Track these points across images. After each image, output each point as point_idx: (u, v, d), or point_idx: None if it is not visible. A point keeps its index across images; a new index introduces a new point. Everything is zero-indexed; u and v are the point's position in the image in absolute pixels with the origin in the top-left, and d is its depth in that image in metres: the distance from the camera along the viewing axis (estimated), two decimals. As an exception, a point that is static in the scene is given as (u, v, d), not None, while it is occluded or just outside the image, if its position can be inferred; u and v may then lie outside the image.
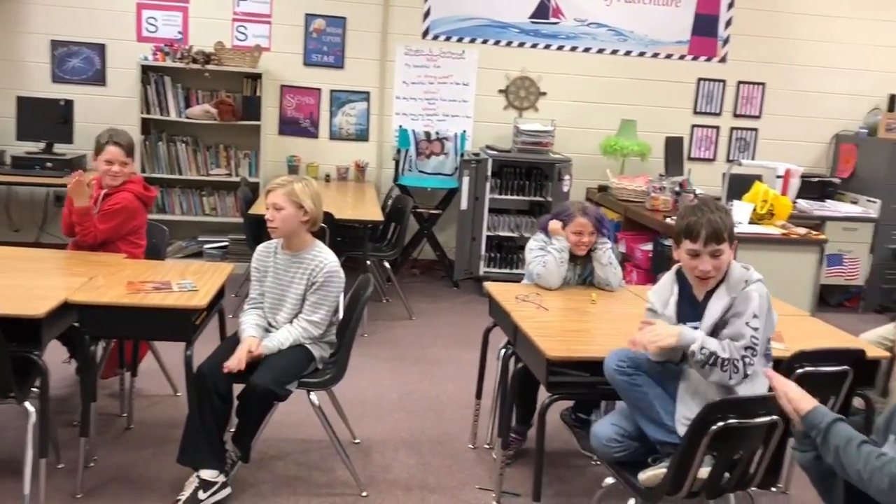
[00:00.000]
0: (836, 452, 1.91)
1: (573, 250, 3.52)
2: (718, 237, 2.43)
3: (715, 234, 2.43)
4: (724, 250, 2.46)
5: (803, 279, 4.97)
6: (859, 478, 1.86)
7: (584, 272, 3.61)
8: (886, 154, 6.22)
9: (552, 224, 3.57)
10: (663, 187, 5.65)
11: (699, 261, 2.48)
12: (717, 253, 2.45)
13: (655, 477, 2.36)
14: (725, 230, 2.45)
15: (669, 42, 6.54)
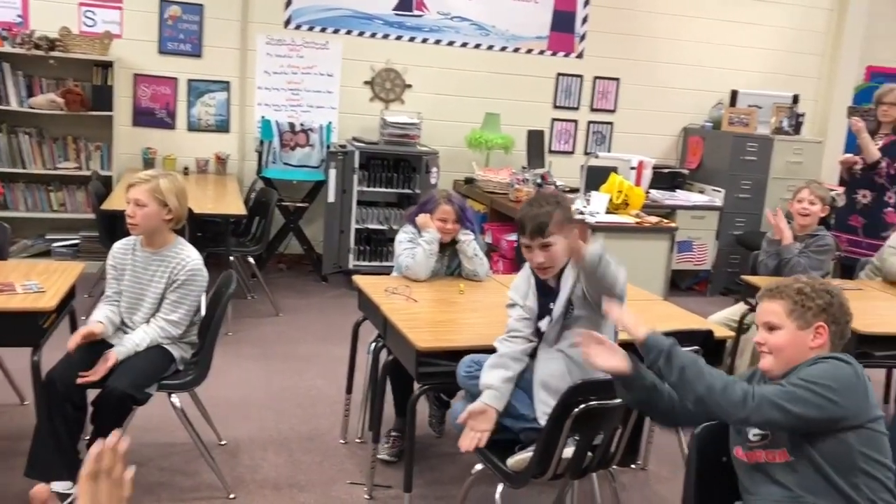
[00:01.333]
0: (681, 371, 2.01)
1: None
2: (542, 231, 2.50)
3: (539, 228, 2.50)
4: (553, 242, 2.51)
5: (656, 265, 5.24)
6: (709, 391, 1.95)
7: (452, 264, 3.65)
8: (729, 146, 6.65)
9: (421, 217, 3.59)
10: (526, 179, 5.80)
11: (532, 253, 2.56)
12: (545, 245, 2.52)
13: (522, 461, 2.43)
14: (551, 223, 2.49)
15: (529, 37, 6.71)
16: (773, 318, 2.06)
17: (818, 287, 2.09)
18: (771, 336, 2.06)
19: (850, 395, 1.91)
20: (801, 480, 1.95)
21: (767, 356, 2.07)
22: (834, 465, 1.91)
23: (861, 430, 1.92)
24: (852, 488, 1.90)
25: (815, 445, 1.93)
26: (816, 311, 2.04)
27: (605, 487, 2.95)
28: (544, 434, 2.37)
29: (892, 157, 4.93)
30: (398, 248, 3.60)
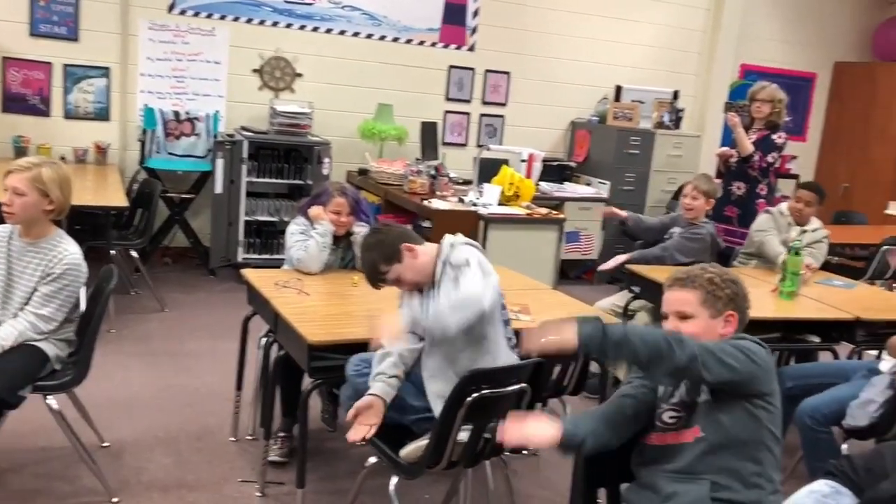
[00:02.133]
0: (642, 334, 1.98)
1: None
2: (375, 282, 2.68)
3: (373, 283, 2.70)
4: (393, 275, 2.62)
5: (546, 255, 5.36)
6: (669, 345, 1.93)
7: (346, 256, 3.62)
8: (614, 140, 6.87)
9: (314, 209, 3.54)
10: (420, 171, 5.81)
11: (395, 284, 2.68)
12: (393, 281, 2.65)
13: (416, 451, 2.43)
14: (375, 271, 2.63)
15: (421, 29, 6.71)
16: (686, 307, 2.11)
17: (725, 276, 2.15)
18: (683, 325, 2.10)
19: (765, 364, 2.01)
20: (707, 458, 2.01)
21: None
22: (744, 439, 2.00)
23: (769, 405, 2.02)
24: (756, 463, 2.00)
25: (730, 419, 2.00)
26: (726, 301, 2.11)
27: (497, 474, 3.00)
28: (438, 423, 2.38)
29: (764, 151, 5.21)
30: (289, 240, 3.54)
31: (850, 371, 3.40)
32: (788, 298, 3.88)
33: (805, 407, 3.18)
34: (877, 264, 5.70)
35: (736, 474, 1.99)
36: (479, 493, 3.00)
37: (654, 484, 2.08)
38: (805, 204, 4.52)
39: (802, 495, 2.21)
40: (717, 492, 1.98)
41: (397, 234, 2.68)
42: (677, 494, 2.01)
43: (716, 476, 1.99)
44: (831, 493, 2.17)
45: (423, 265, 2.64)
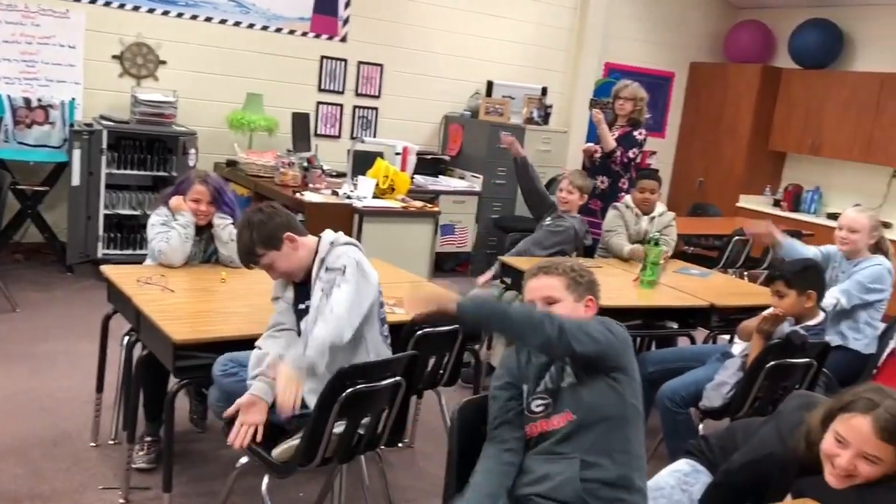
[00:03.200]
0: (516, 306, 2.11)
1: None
2: (249, 263, 2.64)
3: (246, 263, 2.65)
4: (267, 261, 2.59)
5: (421, 248, 5.39)
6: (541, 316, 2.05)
7: (209, 248, 3.50)
8: (486, 134, 6.98)
9: (174, 200, 3.40)
10: (292, 163, 5.70)
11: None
12: (265, 266, 2.62)
13: (289, 450, 2.39)
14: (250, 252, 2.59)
15: (292, 18, 6.57)
16: (553, 292, 2.22)
17: (582, 266, 2.31)
18: (553, 308, 2.20)
19: (623, 339, 2.13)
20: (575, 438, 2.08)
21: None
22: (611, 415, 2.08)
23: (629, 377, 2.12)
24: (622, 439, 2.08)
25: (595, 398, 2.08)
26: (587, 286, 2.26)
27: (372, 468, 2.99)
28: (311, 420, 2.35)
29: (626, 147, 5.43)
30: (150, 232, 3.39)
31: (706, 355, 3.61)
32: (649, 287, 4.07)
33: (664, 390, 3.35)
34: (729, 253, 6.07)
35: (604, 451, 2.07)
36: (355, 489, 2.98)
37: (527, 467, 2.13)
38: (650, 192, 4.73)
39: (665, 475, 2.33)
40: (586, 469, 2.05)
41: (282, 221, 2.63)
42: (549, 475, 2.07)
43: (585, 454, 2.06)
44: (691, 471, 2.31)
45: (300, 259, 2.60)
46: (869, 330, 3.83)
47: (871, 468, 1.86)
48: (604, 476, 2.05)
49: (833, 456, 1.91)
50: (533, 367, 2.22)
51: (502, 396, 2.23)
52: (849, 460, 1.88)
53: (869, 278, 3.80)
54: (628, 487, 2.07)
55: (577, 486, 2.03)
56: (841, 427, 1.90)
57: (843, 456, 1.88)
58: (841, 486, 1.89)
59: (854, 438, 1.87)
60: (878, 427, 1.84)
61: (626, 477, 2.07)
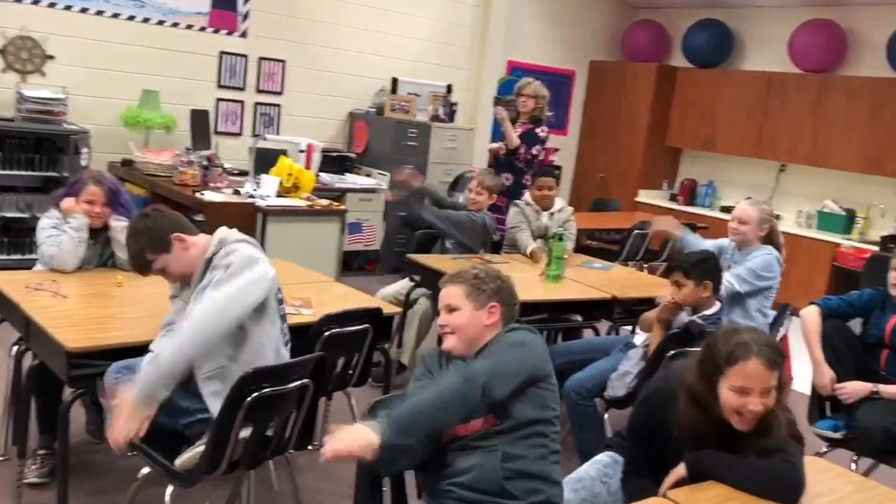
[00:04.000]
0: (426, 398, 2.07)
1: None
2: (140, 267, 2.57)
3: (137, 268, 2.58)
4: (159, 265, 2.53)
5: (328, 247, 5.32)
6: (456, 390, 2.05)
7: (105, 252, 3.36)
8: (392, 131, 6.96)
9: (66, 202, 3.25)
10: (191, 161, 5.53)
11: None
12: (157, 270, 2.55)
13: (193, 458, 2.31)
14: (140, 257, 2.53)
15: (189, 12, 6.37)
16: (453, 300, 2.28)
17: (491, 273, 2.35)
18: (451, 317, 2.26)
19: (540, 349, 2.20)
20: (502, 437, 2.10)
21: (450, 336, 2.26)
22: (533, 419, 2.12)
23: (550, 384, 2.19)
24: (542, 437, 2.13)
25: (518, 406, 2.11)
26: (490, 293, 2.29)
27: (281, 473, 2.93)
28: (215, 426, 2.28)
29: (528, 144, 5.52)
30: (41, 235, 3.23)
31: (610, 346, 3.71)
32: (554, 282, 4.15)
33: (570, 384, 3.42)
34: (629, 247, 6.26)
35: (525, 447, 2.12)
36: (264, 494, 2.92)
37: (447, 462, 2.15)
38: (547, 189, 4.82)
39: (587, 467, 2.42)
40: (508, 462, 2.09)
41: (169, 222, 2.55)
42: (471, 467, 2.09)
43: (506, 447, 2.10)
44: (611, 462, 2.42)
45: (192, 259, 2.53)
46: (760, 317, 4.02)
47: (771, 399, 2.05)
48: (524, 468, 2.10)
49: (741, 406, 2.04)
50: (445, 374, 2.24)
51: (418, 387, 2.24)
52: (759, 402, 2.03)
53: (759, 266, 3.98)
54: (546, 480, 2.13)
55: (498, 475, 2.07)
56: (737, 379, 2.05)
57: (752, 401, 2.03)
58: (748, 428, 2.05)
59: (755, 382, 2.03)
60: (767, 362, 2.03)
61: (545, 471, 2.14)
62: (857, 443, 3.15)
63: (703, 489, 2.04)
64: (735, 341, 2.07)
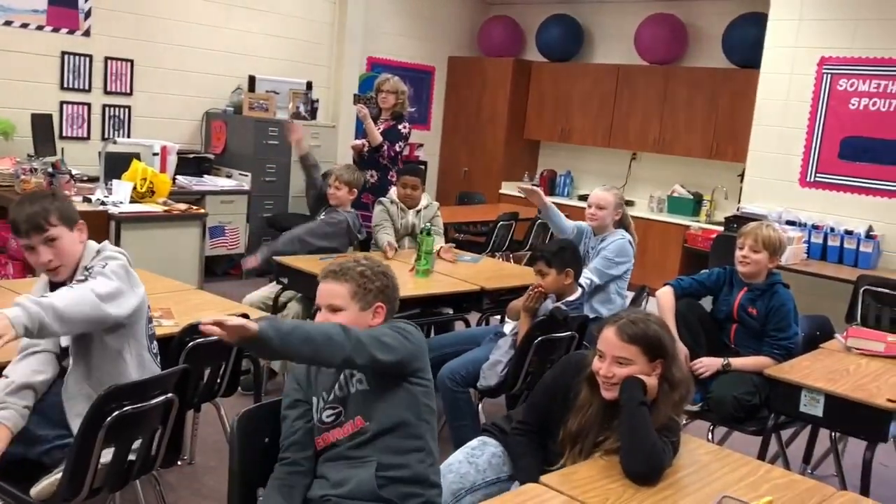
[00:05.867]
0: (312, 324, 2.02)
1: None
2: (39, 226, 2.33)
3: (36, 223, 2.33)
4: (57, 235, 2.37)
5: (189, 253, 5.13)
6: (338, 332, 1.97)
7: None
8: (252, 130, 6.78)
9: None
10: (34, 168, 5.18)
11: (36, 254, 2.37)
12: (50, 238, 2.35)
13: (50, 486, 2.17)
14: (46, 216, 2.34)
15: (23, 10, 5.95)
16: (337, 300, 2.14)
17: (377, 269, 2.22)
18: (334, 317, 2.13)
19: (418, 342, 2.14)
20: (372, 442, 2.07)
21: None
22: (406, 418, 2.09)
23: (424, 380, 2.14)
24: (417, 438, 2.11)
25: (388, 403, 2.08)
26: (376, 293, 2.18)
27: (150, 492, 2.80)
28: (74, 450, 2.15)
29: (391, 141, 5.52)
30: None
31: (481, 336, 3.78)
32: (424, 276, 4.18)
33: (445, 370, 3.46)
34: (495, 238, 6.40)
35: (400, 452, 2.09)
36: (131, 516, 2.78)
37: (322, 473, 2.12)
38: (412, 188, 4.82)
39: (457, 452, 2.44)
40: (383, 471, 2.06)
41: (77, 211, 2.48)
42: (346, 480, 2.06)
43: (381, 456, 2.07)
44: (479, 444, 2.46)
45: (77, 252, 2.41)
46: (619, 299, 4.21)
47: (625, 370, 2.18)
48: (400, 475, 2.07)
49: (598, 370, 2.21)
50: (323, 378, 2.18)
51: (291, 416, 2.17)
52: (606, 367, 2.19)
53: (614, 252, 4.16)
54: (423, 482, 2.11)
55: (373, 486, 2.04)
56: (598, 344, 2.24)
57: (603, 366, 2.20)
58: (611, 396, 2.19)
59: (606, 347, 2.20)
60: (619, 332, 2.18)
61: (422, 474, 2.11)
62: (712, 414, 3.36)
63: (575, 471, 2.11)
64: (619, 314, 2.28)
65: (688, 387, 2.28)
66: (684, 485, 2.10)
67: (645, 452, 2.08)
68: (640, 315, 2.26)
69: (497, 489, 2.35)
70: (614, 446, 2.17)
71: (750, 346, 3.49)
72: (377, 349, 2.01)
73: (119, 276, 2.32)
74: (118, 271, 2.33)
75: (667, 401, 2.21)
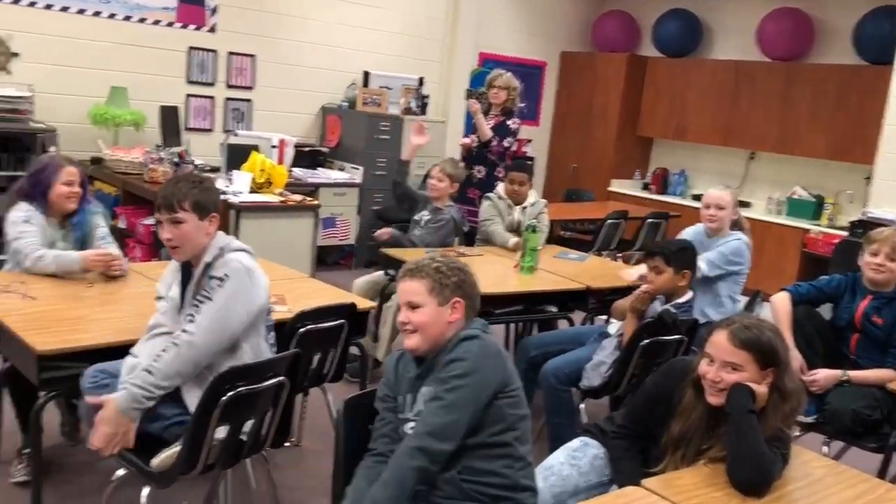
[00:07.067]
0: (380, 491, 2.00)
1: (63, 206, 3.21)
2: (172, 206, 2.45)
3: (168, 202, 2.45)
4: (183, 219, 2.46)
5: (302, 243, 5.30)
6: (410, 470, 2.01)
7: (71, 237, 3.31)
8: (364, 125, 6.94)
9: (90, 261, 3.19)
10: (162, 158, 5.47)
11: (162, 229, 2.50)
12: (175, 221, 2.46)
13: (169, 458, 2.30)
14: (180, 199, 2.45)
15: (155, 8, 6.29)
16: (416, 297, 2.17)
17: (452, 265, 2.23)
18: (414, 314, 2.16)
19: (487, 363, 2.09)
20: (459, 459, 2.06)
21: (413, 335, 2.16)
22: (490, 432, 2.07)
23: (511, 393, 2.11)
24: (505, 446, 2.09)
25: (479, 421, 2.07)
26: (453, 288, 2.19)
27: (259, 471, 2.92)
28: (191, 427, 2.27)
29: (500, 136, 5.52)
30: (12, 229, 3.13)
31: (585, 336, 3.73)
32: (529, 273, 4.16)
33: (548, 367, 3.44)
34: (603, 237, 6.30)
35: (487, 459, 2.08)
36: (241, 493, 2.91)
37: None
38: (519, 184, 4.80)
39: (557, 453, 2.43)
40: (469, 475, 2.06)
41: (220, 203, 2.60)
42: (434, 489, 2.07)
43: (467, 462, 2.07)
44: (580, 446, 2.43)
45: (203, 243, 2.50)
46: (730, 304, 4.06)
47: (735, 376, 2.12)
48: (487, 480, 2.07)
49: (705, 374, 2.16)
50: (404, 381, 2.21)
51: (381, 408, 2.22)
52: (715, 372, 2.14)
53: (730, 251, 4.03)
54: (513, 488, 2.10)
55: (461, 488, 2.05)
56: (707, 347, 2.19)
57: (711, 370, 2.15)
58: (717, 401, 2.14)
59: (715, 351, 2.15)
60: (731, 336, 2.13)
61: (511, 479, 2.09)
62: (828, 426, 3.20)
63: (678, 477, 2.07)
64: (732, 318, 2.22)
65: (800, 398, 2.19)
66: (794, 498, 2.02)
67: (753, 461, 2.01)
68: (754, 320, 2.19)
69: (599, 493, 2.32)
70: (720, 455, 2.10)
71: (872, 358, 3.30)
72: (444, 442, 2.01)
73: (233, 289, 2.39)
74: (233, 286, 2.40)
75: (776, 411, 2.13)
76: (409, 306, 2.18)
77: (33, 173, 3.28)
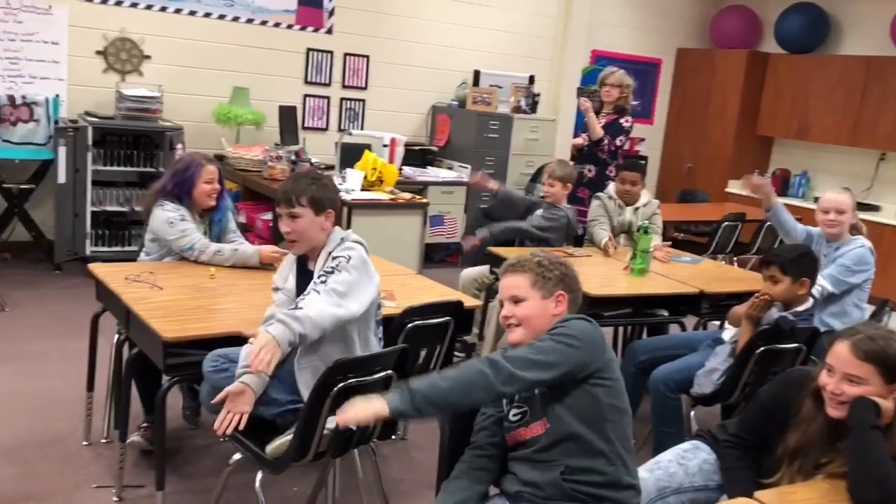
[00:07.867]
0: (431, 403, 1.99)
1: (204, 203, 3.39)
2: (289, 201, 2.57)
3: (287, 197, 2.57)
4: (301, 214, 2.56)
5: (410, 240, 5.38)
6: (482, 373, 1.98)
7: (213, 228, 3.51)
8: (474, 124, 6.97)
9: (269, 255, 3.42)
10: (280, 156, 5.68)
11: (281, 223, 2.61)
12: (293, 216, 2.57)
13: (282, 445, 2.39)
14: (298, 195, 2.56)
15: (276, 10, 6.53)
16: (519, 291, 2.17)
17: (553, 259, 2.23)
18: (517, 308, 2.16)
19: (589, 343, 2.07)
20: (556, 446, 2.06)
21: (516, 329, 2.16)
22: (587, 421, 2.05)
23: (606, 381, 2.07)
24: (604, 441, 2.06)
25: (568, 406, 2.06)
26: (556, 281, 2.18)
27: (366, 462, 2.99)
28: (303, 415, 2.34)
29: (612, 135, 5.43)
30: (172, 230, 3.32)
31: (697, 342, 3.62)
32: (639, 275, 4.07)
33: (658, 374, 3.35)
34: (718, 239, 6.09)
35: (587, 455, 2.05)
36: (349, 482, 2.99)
37: (514, 469, 2.15)
38: (631, 184, 4.67)
39: (667, 452, 2.38)
40: (571, 474, 2.05)
41: (337, 200, 2.71)
42: (534, 482, 2.07)
43: (567, 460, 2.05)
44: (691, 448, 2.39)
45: (320, 237, 2.62)
46: (856, 312, 3.85)
47: (857, 389, 2.04)
48: (588, 479, 2.05)
49: (825, 385, 2.08)
50: None
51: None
52: (835, 384, 2.06)
53: (853, 261, 3.82)
54: (615, 486, 2.07)
55: (562, 488, 2.04)
56: (828, 357, 2.10)
57: (832, 382, 2.07)
58: (838, 414, 2.07)
59: (837, 363, 2.07)
60: (854, 347, 2.04)
61: (612, 476, 2.06)
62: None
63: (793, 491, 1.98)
64: (856, 327, 2.13)
65: None
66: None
67: (877, 479, 1.90)
68: (882, 331, 2.07)
69: (704, 497, 2.27)
70: (839, 470, 2.00)
71: None
72: (533, 371, 1.99)
73: (359, 269, 2.53)
74: (358, 265, 2.53)
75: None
76: (513, 300, 2.18)
77: (176, 172, 3.43)
